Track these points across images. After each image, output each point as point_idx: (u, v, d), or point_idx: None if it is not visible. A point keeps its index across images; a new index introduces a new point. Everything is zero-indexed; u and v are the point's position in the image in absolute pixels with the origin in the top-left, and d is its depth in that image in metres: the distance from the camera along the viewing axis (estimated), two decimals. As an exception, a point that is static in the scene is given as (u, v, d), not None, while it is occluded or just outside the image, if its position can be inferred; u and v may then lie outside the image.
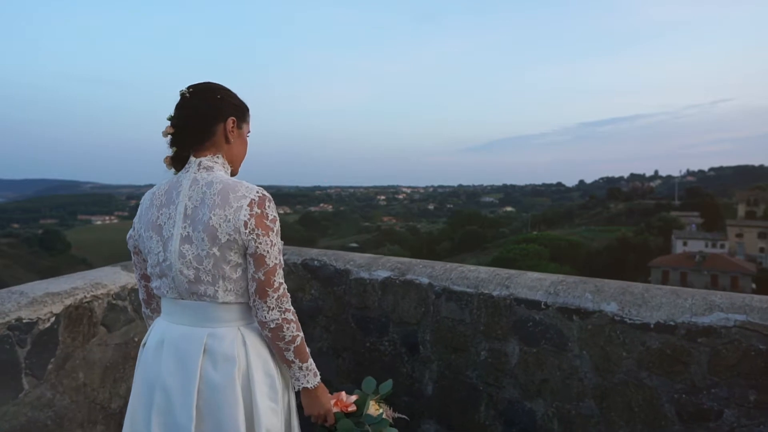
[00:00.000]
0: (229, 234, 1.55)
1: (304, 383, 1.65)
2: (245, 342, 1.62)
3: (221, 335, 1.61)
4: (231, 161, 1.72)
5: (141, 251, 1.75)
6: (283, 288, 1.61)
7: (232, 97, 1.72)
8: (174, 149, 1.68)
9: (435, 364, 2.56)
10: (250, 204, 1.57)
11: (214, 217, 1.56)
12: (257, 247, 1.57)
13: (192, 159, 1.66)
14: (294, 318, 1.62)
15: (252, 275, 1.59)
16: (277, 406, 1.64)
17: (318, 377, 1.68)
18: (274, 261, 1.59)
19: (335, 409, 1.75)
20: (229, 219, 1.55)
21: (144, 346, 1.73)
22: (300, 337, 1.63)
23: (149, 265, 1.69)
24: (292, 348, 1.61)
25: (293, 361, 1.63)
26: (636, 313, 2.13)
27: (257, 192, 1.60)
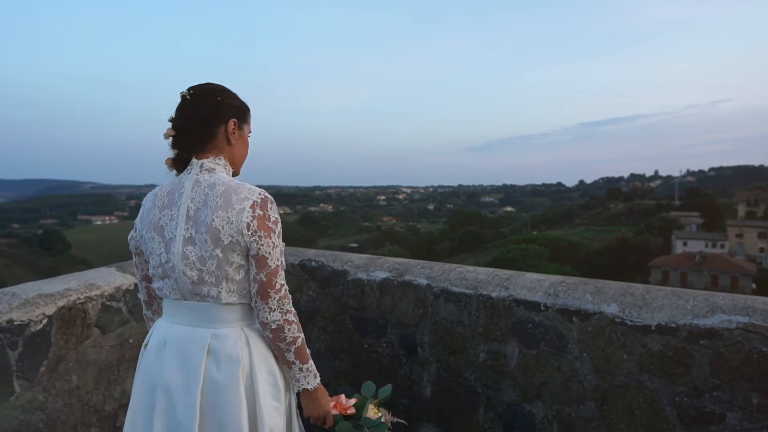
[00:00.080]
0: (232, 236, 1.56)
1: (304, 384, 1.66)
2: (249, 342, 1.63)
3: (225, 336, 1.61)
4: (233, 162, 1.73)
5: (143, 252, 1.75)
6: (285, 289, 1.63)
7: (232, 99, 1.71)
8: (175, 151, 1.69)
9: (433, 366, 2.54)
10: (252, 206, 1.58)
11: (216, 219, 1.56)
12: (259, 249, 1.58)
13: (194, 161, 1.67)
14: (295, 319, 1.63)
15: (254, 276, 1.60)
16: (280, 405, 1.65)
17: (318, 379, 1.69)
18: (275, 262, 1.60)
19: (334, 412, 1.76)
20: (232, 221, 1.56)
21: (145, 347, 1.73)
22: (301, 339, 1.64)
23: (151, 266, 1.70)
24: (292, 349, 1.62)
25: (294, 362, 1.64)
26: (637, 315, 2.11)
27: (259, 194, 1.61)
